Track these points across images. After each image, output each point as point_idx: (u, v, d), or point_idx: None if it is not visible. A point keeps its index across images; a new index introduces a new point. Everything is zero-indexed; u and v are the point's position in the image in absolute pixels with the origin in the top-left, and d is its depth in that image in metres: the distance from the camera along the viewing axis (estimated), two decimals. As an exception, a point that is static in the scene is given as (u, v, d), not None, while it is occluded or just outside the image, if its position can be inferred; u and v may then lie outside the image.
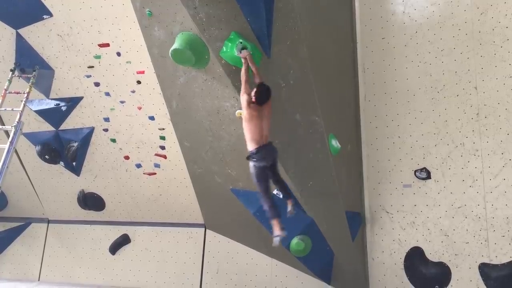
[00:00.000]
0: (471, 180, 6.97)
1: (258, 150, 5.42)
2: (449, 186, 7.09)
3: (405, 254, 7.41)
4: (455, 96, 6.88)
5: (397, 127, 7.22)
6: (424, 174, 7.18)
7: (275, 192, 6.78)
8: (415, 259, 7.35)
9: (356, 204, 7.46)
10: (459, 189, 7.05)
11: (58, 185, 9.17)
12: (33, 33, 7.70)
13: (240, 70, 5.63)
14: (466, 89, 6.82)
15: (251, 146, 5.44)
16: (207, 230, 8.64)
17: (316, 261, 7.20)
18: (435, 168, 7.12)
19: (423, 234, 7.29)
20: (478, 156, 6.90)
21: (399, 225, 7.42)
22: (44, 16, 7.50)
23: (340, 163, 6.71)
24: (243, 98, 5.38)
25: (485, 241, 6.96)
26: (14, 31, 7.77)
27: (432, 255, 7.25)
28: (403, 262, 7.42)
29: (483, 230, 6.97)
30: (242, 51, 5.49)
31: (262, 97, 5.40)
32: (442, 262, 7.19)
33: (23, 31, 7.73)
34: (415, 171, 7.23)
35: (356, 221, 7.35)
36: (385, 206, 7.48)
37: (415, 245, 7.35)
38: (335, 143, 6.52)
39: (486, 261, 6.96)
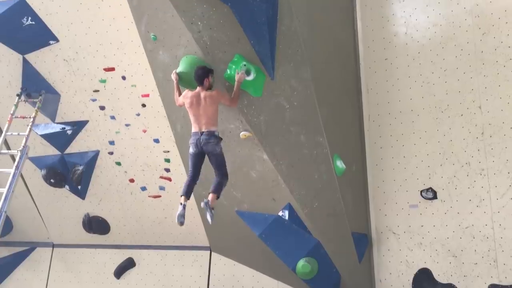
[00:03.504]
0: (478, 199, 6.92)
1: (192, 134, 5.76)
2: (455, 206, 7.03)
3: (413, 275, 7.31)
4: (460, 116, 6.88)
5: (402, 147, 7.21)
6: (430, 194, 7.14)
7: (280, 213, 6.76)
8: (423, 281, 7.25)
9: (362, 225, 7.41)
10: (466, 209, 6.99)
11: (63, 209, 9.16)
12: (40, 58, 7.80)
13: (243, 92, 5.68)
14: (470, 108, 6.82)
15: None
16: (212, 252, 8.58)
17: (323, 283, 7.11)
18: (441, 188, 7.08)
19: (431, 255, 7.20)
20: (484, 175, 6.86)
21: (406, 246, 7.34)
22: (51, 42, 7.61)
23: (345, 184, 6.69)
24: (226, 99, 5.64)
25: (494, 261, 6.87)
26: (21, 56, 7.87)
27: (441, 277, 7.15)
28: (411, 284, 7.32)
29: (491, 251, 6.88)
30: (240, 72, 5.53)
31: (197, 75, 5.60)
32: (451, 284, 7.09)
33: (29, 57, 7.83)
34: (421, 191, 7.18)
35: (363, 242, 7.28)
36: (392, 227, 7.41)
37: (423, 267, 7.26)
38: (340, 163, 6.51)
39: (496, 282, 6.86)
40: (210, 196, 5.81)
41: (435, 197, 7.12)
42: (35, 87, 7.96)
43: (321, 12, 6.52)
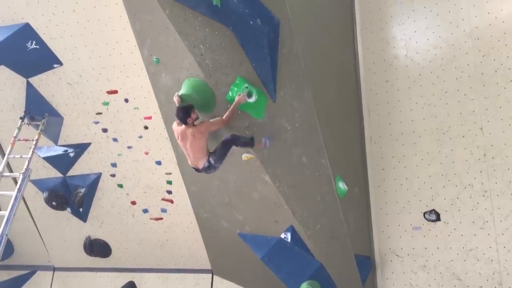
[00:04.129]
0: (482, 221, 6.88)
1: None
2: (459, 228, 6.99)
3: (418, 299, 7.24)
4: (461, 137, 6.89)
5: (404, 169, 7.20)
6: (434, 216, 7.10)
7: (283, 236, 6.72)
8: (428, 304, 7.17)
9: (365, 247, 7.35)
10: (469, 231, 6.94)
11: (64, 231, 9.13)
12: (43, 82, 7.87)
13: (245, 114, 5.71)
14: (472, 130, 6.83)
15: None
16: (214, 276, 8.50)
17: (326, 307, 7.03)
18: (444, 210, 7.04)
19: (435, 278, 7.12)
20: (487, 197, 6.83)
21: (410, 268, 7.27)
22: (54, 65, 7.69)
23: (348, 206, 6.66)
24: (216, 124, 5.68)
25: (499, 284, 6.79)
26: (24, 80, 7.94)
27: (445, 300, 7.07)
28: (415, 308, 7.24)
29: (496, 274, 6.81)
30: (242, 94, 5.58)
31: (179, 118, 5.61)
32: (456, 307, 7.01)
33: (33, 80, 7.90)
34: (424, 213, 7.15)
35: (366, 265, 7.21)
36: (395, 249, 7.35)
37: (428, 290, 7.19)
38: (342, 185, 6.50)
39: (501, 305, 6.78)
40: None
41: (438, 219, 7.08)
42: (38, 110, 8.01)
43: (322, 34, 6.60)
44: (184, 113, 5.56)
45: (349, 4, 7.13)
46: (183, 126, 5.67)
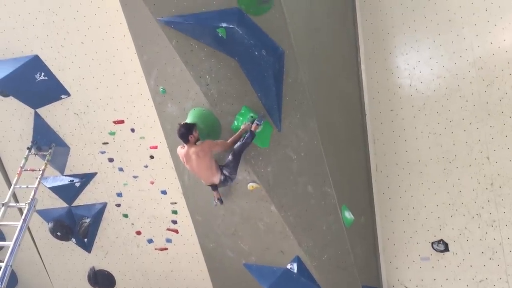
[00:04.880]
0: (491, 252, 6.78)
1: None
2: (468, 258, 6.88)
3: (427, 332, 7.08)
4: (468, 166, 6.86)
5: (411, 198, 7.14)
6: (442, 246, 7.01)
7: (289, 266, 6.64)
8: (438, 338, 7.00)
9: (373, 278, 7.24)
10: (479, 261, 6.83)
11: (68, 262, 9.05)
12: (51, 112, 7.95)
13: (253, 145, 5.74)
14: (478, 159, 6.80)
15: None
16: (219, 308, 8.37)
17: None
18: (452, 240, 6.96)
19: (445, 310, 6.99)
20: (496, 227, 6.75)
21: (419, 300, 7.15)
22: (62, 96, 7.78)
23: (355, 236, 6.59)
24: (219, 145, 5.72)
25: (511, 317, 6.65)
26: (32, 110, 8.02)
27: (456, 333, 6.91)
28: None
29: (507, 305, 6.68)
30: (247, 123, 5.62)
31: (180, 134, 5.62)
32: None
33: (41, 111, 7.98)
34: (432, 243, 7.06)
35: (374, 296, 7.10)
36: (404, 281, 7.24)
37: (437, 323, 7.04)
38: (348, 214, 6.45)
39: (513, 339, 6.61)
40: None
41: (446, 249, 6.99)
42: (45, 140, 8.05)
43: (326, 64, 6.67)
44: (186, 129, 5.58)
45: (353, 35, 7.22)
46: (186, 147, 5.67)
